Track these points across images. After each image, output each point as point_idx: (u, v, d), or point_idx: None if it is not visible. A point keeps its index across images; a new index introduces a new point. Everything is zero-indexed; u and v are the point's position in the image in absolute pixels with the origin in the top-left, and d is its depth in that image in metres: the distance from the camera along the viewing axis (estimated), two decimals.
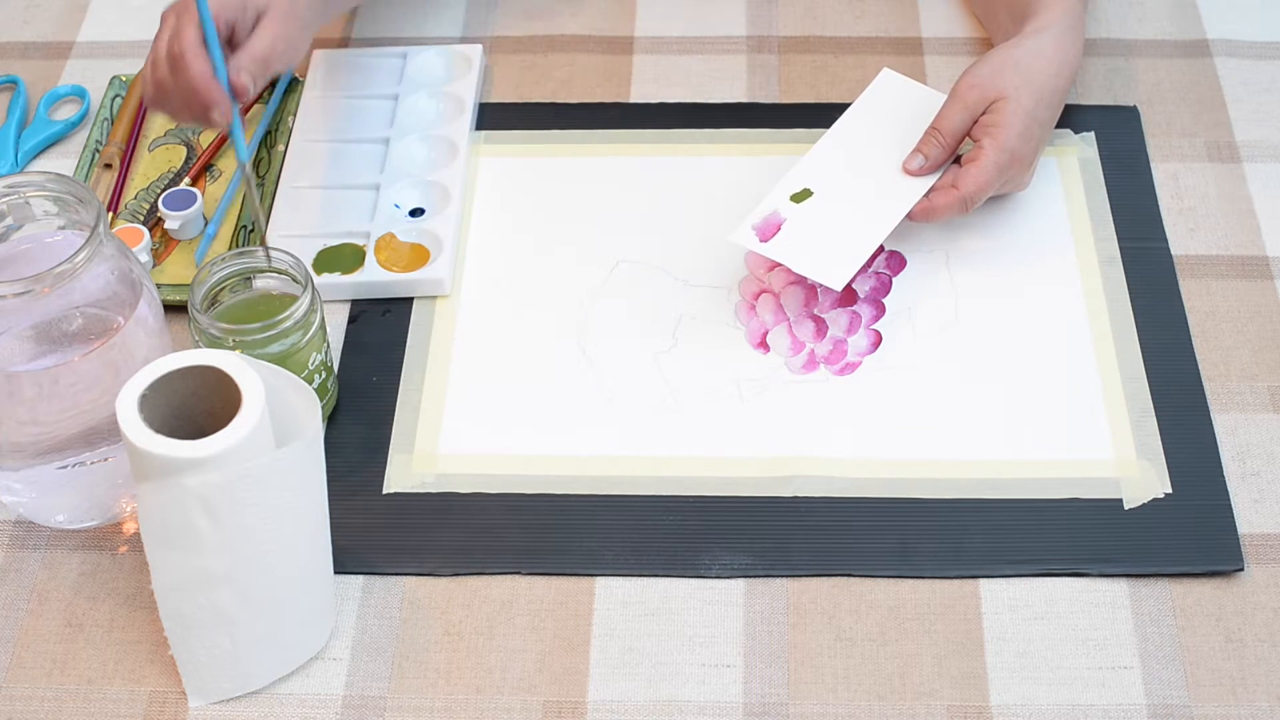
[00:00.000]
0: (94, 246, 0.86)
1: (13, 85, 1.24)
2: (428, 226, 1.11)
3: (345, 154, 1.17)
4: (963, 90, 1.08)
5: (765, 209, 1.06)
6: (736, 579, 0.94)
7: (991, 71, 1.07)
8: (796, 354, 1.05)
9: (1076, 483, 0.97)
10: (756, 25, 1.28)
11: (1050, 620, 0.92)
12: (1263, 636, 0.91)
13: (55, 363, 0.88)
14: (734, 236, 1.05)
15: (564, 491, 0.98)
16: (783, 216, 1.05)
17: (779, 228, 1.04)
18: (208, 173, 1.17)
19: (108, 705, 0.89)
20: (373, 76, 1.23)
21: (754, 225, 1.05)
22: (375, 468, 0.99)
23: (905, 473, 0.98)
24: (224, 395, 0.83)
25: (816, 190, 1.07)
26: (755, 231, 1.05)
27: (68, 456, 0.92)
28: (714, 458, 0.99)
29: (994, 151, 1.05)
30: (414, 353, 1.05)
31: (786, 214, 1.05)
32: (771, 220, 1.05)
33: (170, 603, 0.85)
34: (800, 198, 1.06)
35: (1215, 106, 1.20)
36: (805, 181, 1.08)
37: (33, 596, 0.94)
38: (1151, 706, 0.88)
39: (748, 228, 1.05)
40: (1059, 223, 1.12)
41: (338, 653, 0.91)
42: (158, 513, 0.81)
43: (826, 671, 0.90)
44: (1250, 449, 1.00)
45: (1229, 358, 1.04)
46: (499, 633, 0.92)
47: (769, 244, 1.04)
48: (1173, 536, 0.95)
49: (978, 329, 1.06)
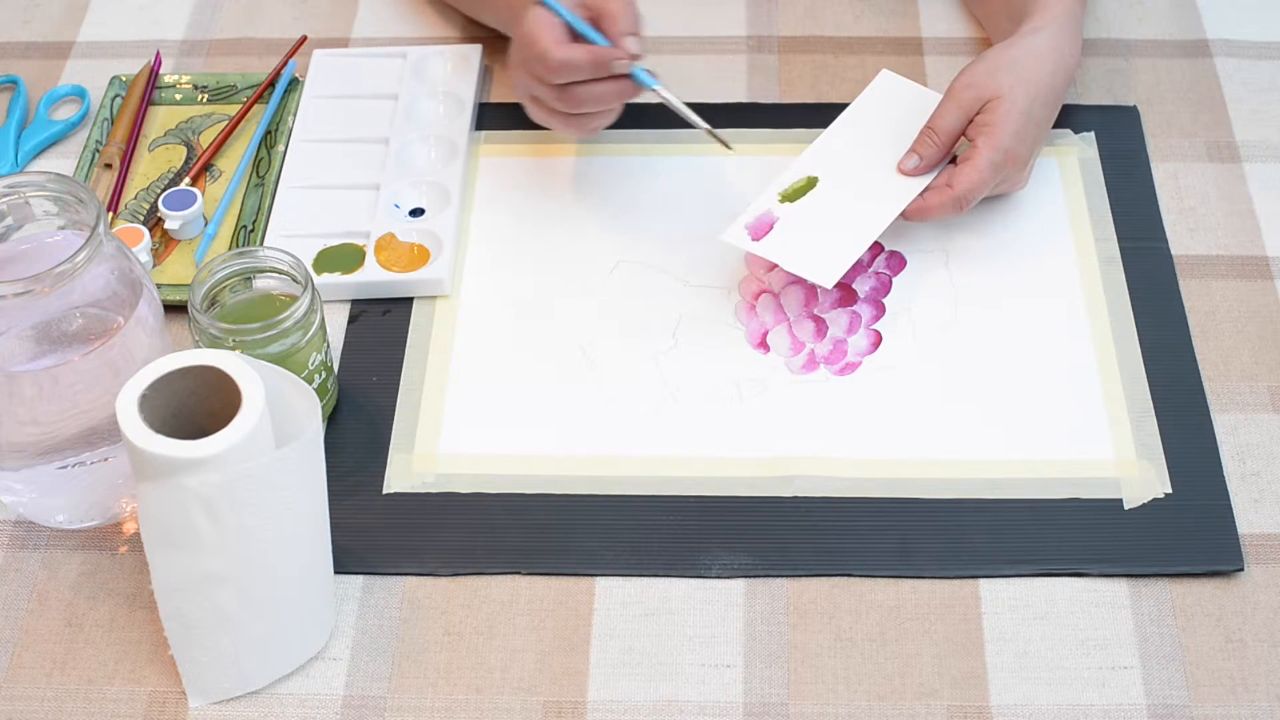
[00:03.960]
0: (94, 246, 0.86)
1: (13, 85, 1.24)
2: (428, 226, 1.11)
3: (345, 154, 1.17)
4: (958, 90, 1.07)
5: (758, 208, 1.06)
6: (736, 579, 0.94)
7: (987, 71, 1.07)
8: (796, 354, 1.05)
9: (1076, 483, 0.97)
10: (756, 25, 1.28)
11: (1050, 620, 0.92)
12: (1263, 636, 0.91)
13: (55, 363, 0.88)
14: (726, 235, 1.05)
15: (564, 491, 0.98)
16: (775, 216, 1.05)
17: (771, 227, 1.04)
18: (208, 173, 1.17)
19: (108, 705, 0.89)
20: (373, 76, 1.23)
21: (746, 224, 1.05)
22: (375, 468, 0.99)
23: (905, 473, 0.98)
24: (224, 395, 0.83)
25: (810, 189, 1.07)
26: (748, 230, 1.05)
27: (68, 456, 0.92)
28: (714, 458, 0.99)
29: (988, 150, 1.05)
30: (414, 353, 1.05)
31: (779, 213, 1.05)
32: (764, 219, 1.05)
33: (170, 603, 0.85)
34: (792, 196, 1.06)
35: (1215, 106, 1.20)
36: (798, 179, 1.08)
37: (33, 596, 0.94)
38: (1151, 706, 0.88)
39: (740, 226, 1.05)
40: (1059, 223, 1.12)
41: (338, 653, 0.91)
42: (158, 513, 0.81)
43: (826, 671, 0.90)
44: (1250, 449, 1.00)
45: (1229, 358, 1.04)
46: (499, 633, 0.92)
47: (761, 243, 1.04)
48: (1173, 536, 0.95)
49: (977, 329, 1.06)
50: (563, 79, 1.04)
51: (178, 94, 1.23)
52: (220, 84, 1.23)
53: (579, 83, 1.04)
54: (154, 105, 1.22)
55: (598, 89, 1.05)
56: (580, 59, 1.03)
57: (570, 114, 1.07)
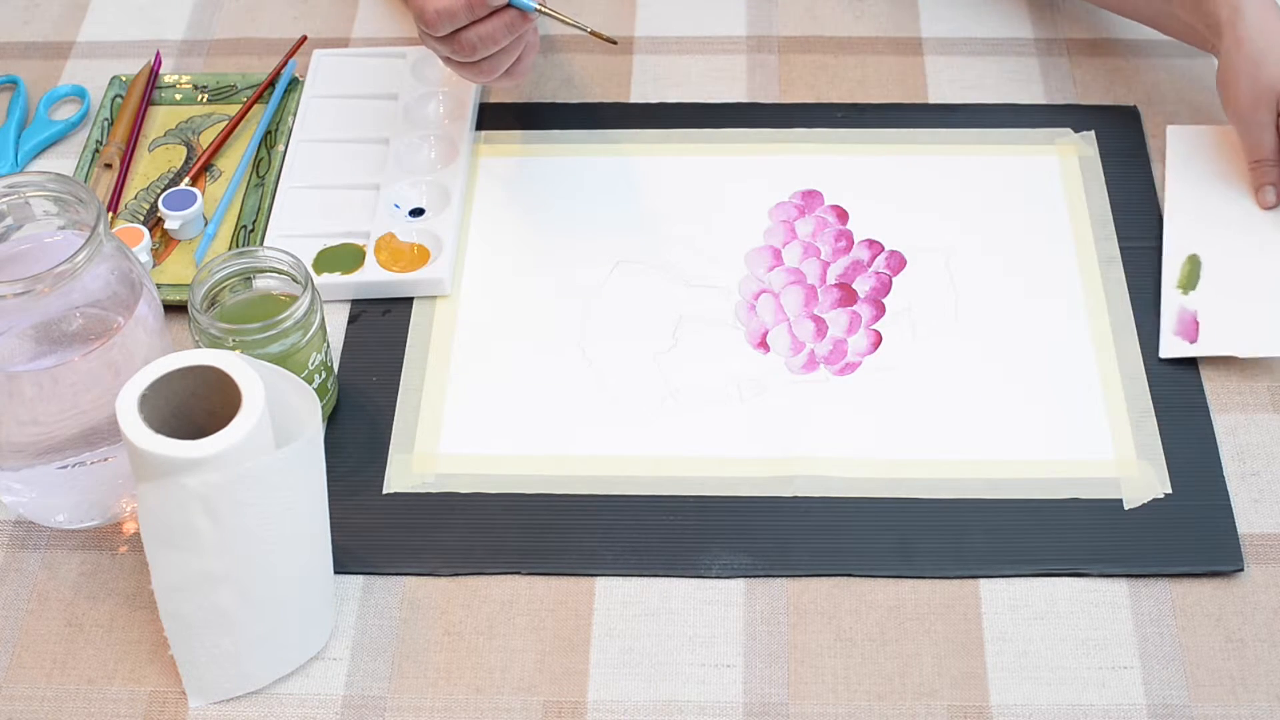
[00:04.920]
0: (94, 246, 0.86)
1: (13, 85, 1.24)
2: (428, 226, 1.11)
3: (345, 154, 1.17)
4: (1245, 112, 1.08)
5: (1171, 309, 1.04)
6: (736, 579, 0.94)
7: (1248, 78, 1.07)
8: (796, 354, 1.05)
9: (1076, 483, 0.97)
10: (756, 25, 1.28)
11: (1050, 620, 0.92)
12: (1263, 636, 0.91)
13: (55, 363, 0.88)
14: (1166, 350, 1.03)
15: (564, 491, 0.98)
16: (1192, 308, 1.04)
17: (1196, 321, 1.03)
18: (208, 173, 1.17)
19: (108, 705, 0.89)
20: (373, 76, 1.23)
21: (1173, 330, 1.04)
22: (375, 468, 0.99)
23: (905, 473, 0.98)
24: (224, 395, 0.83)
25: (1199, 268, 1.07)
26: (1180, 336, 1.03)
27: (68, 456, 0.92)
28: (714, 458, 0.99)
29: None
30: (414, 353, 1.06)
31: (1194, 304, 1.04)
32: (1185, 317, 1.04)
33: (170, 603, 0.85)
34: (1191, 283, 1.05)
35: (1215, 106, 1.20)
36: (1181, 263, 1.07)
37: (33, 596, 0.94)
38: (1151, 706, 0.88)
39: (1170, 335, 1.03)
40: (1059, 222, 1.12)
41: (338, 653, 0.91)
42: (158, 513, 0.81)
43: (826, 671, 0.90)
44: (1250, 449, 1.00)
45: (1229, 358, 1.04)
46: (499, 633, 0.92)
47: (1200, 343, 1.03)
48: (1173, 536, 0.95)
49: (978, 329, 1.06)
50: (446, 28, 1.03)
51: (178, 94, 1.23)
52: (220, 84, 1.23)
53: (464, 29, 1.04)
54: (154, 105, 1.22)
55: (484, 29, 1.03)
56: (454, 5, 1.02)
57: (472, 62, 1.06)
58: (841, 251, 1.10)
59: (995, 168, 1.16)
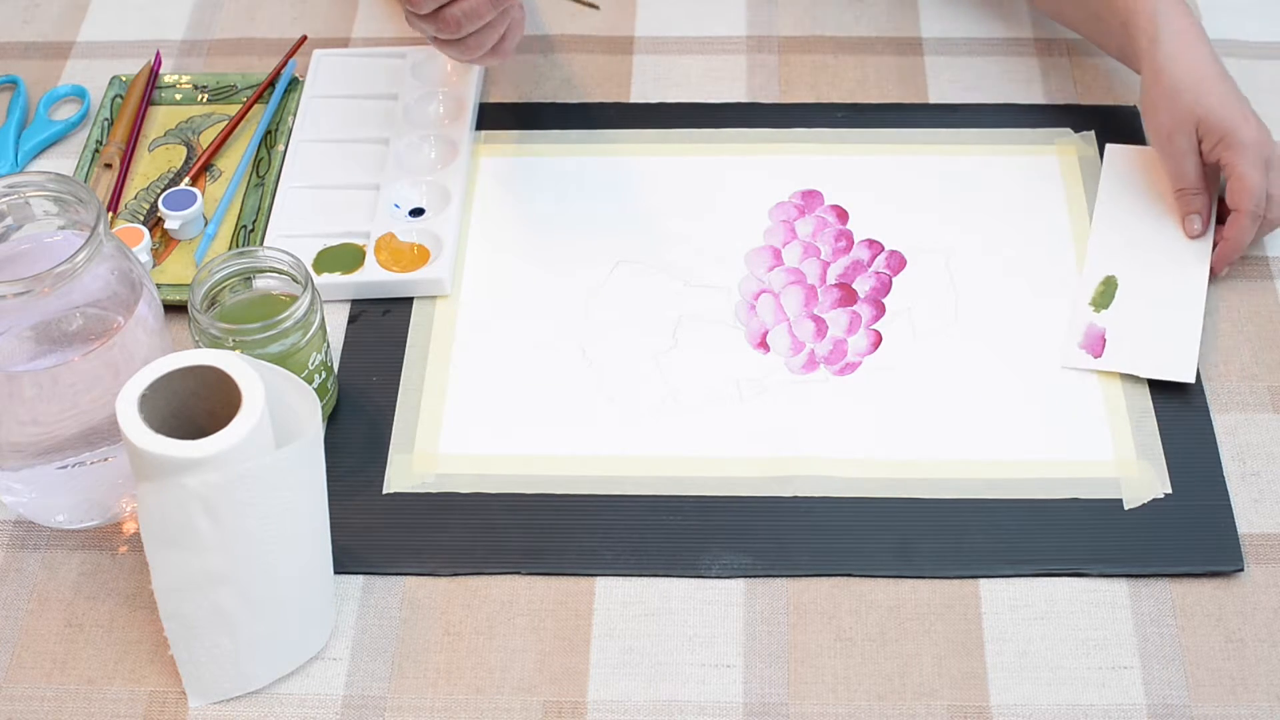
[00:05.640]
0: (94, 246, 0.86)
1: (13, 85, 1.24)
2: (428, 226, 1.11)
3: (345, 154, 1.17)
4: (1167, 141, 1.08)
5: (1080, 323, 1.05)
6: (736, 579, 0.94)
7: (1167, 111, 1.07)
8: (796, 354, 1.05)
9: (1076, 483, 0.97)
10: (756, 25, 1.28)
11: (1050, 620, 0.92)
12: (1263, 636, 0.91)
13: (55, 363, 0.88)
14: (1067, 361, 1.03)
15: (564, 491, 0.98)
16: (1101, 326, 1.04)
17: (1103, 338, 1.03)
18: (208, 173, 1.17)
19: (108, 705, 0.89)
20: (373, 76, 1.23)
21: (1078, 344, 1.04)
22: (375, 468, 0.99)
23: (905, 473, 0.98)
24: (224, 395, 0.83)
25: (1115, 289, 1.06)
26: (1084, 350, 1.03)
27: (68, 456, 0.93)
28: (714, 458, 0.99)
29: (1241, 156, 1.05)
30: (414, 353, 1.06)
31: (1104, 322, 1.04)
32: (1092, 333, 1.04)
33: (170, 603, 0.85)
34: (1104, 302, 1.05)
35: None
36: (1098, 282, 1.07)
37: (33, 596, 0.94)
38: (1151, 706, 0.88)
39: (1074, 348, 1.04)
40: (1059, 222, 1.12)
41: (338, 653, 0.91)
42: (158, 513, 0.81)
43: (826, 671, 0.90)
44: (1250, 449, 1.00)
45: (1229, 358, 1.04)
46: (499, 633, 0.92)
47: (1104, 359, 1.03)
48: (1173, 536, 0.95)
49: (977, 329, 1.06)
50: (430, 5, 1.03)
51: (178, 94, 1.23)
52: (220, 84, 1.23)
53: (448, 5, 1.03)
54: (154, 105, 1.22)
55: (467, 4, 1.03)
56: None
57: (458, 39, 1.06)
58: (841, 251, 1.10)
59: (995, 168, 1.16)
